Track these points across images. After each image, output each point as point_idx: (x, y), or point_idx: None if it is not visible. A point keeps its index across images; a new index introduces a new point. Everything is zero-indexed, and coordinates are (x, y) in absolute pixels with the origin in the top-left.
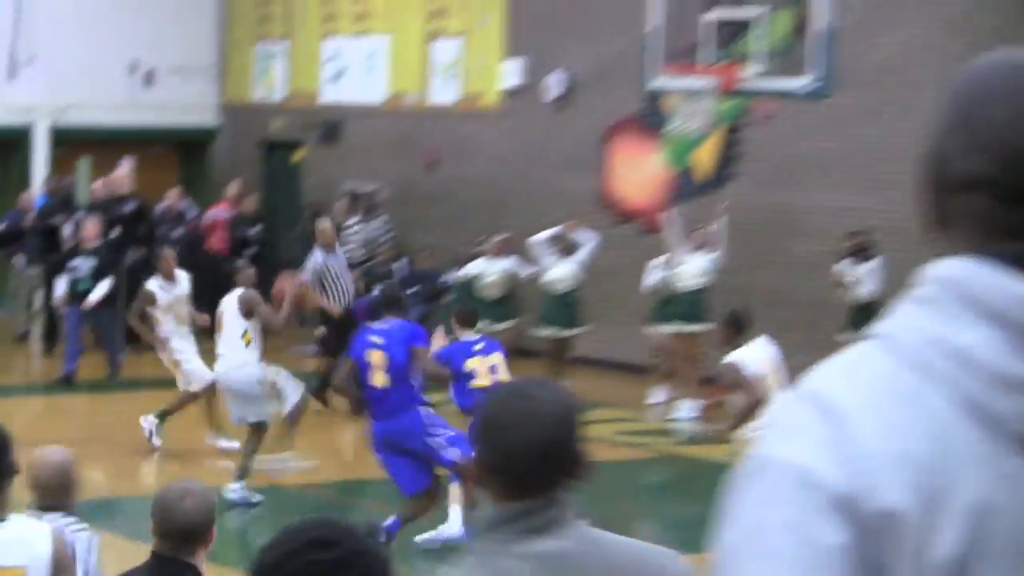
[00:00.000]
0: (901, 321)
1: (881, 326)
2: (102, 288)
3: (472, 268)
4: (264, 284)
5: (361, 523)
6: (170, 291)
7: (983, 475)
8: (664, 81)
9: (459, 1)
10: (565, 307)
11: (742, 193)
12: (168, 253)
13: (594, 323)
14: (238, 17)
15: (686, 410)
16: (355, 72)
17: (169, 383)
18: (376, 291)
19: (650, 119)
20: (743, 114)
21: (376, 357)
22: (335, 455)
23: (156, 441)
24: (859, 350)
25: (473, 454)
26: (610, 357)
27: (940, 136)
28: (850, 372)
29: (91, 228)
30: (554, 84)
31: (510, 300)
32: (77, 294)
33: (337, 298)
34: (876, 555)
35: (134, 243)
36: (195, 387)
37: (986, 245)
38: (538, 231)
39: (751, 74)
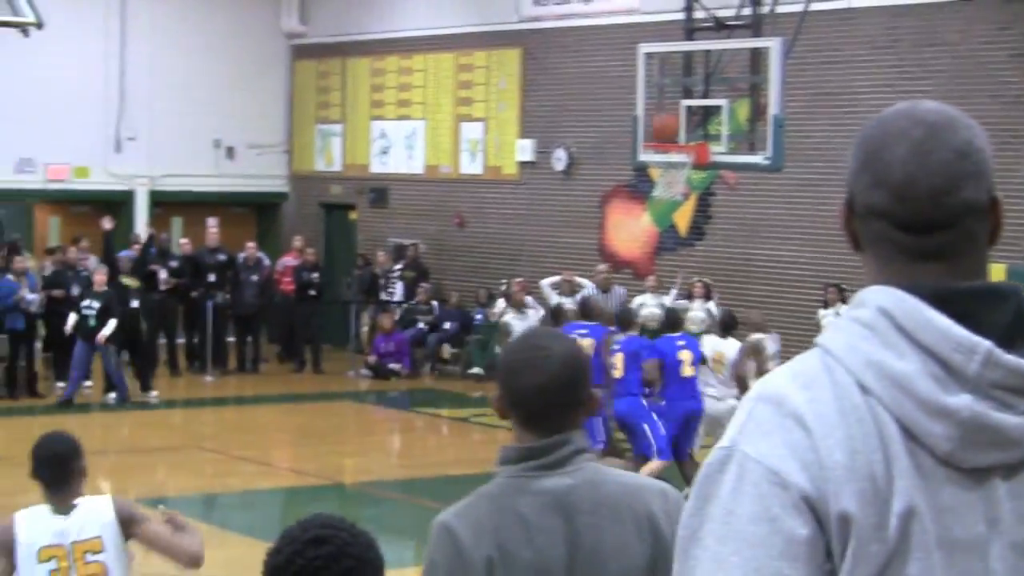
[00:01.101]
0: (843, 340)
1: (826, 340)
2: (110, 326)
3: (503, 316)
4: (321, 317)
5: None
6: (523, 320)
7: (912, 485)
8: (649, 156)
9: (482, 92)
10: None
11: (713, 246)
12: (518, 283)
13: None
14: (303, 104)
15: None
16: (398, 148)
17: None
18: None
19: (638, 187)
20: (713, 183)
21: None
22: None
23: None
24: (809, 362)
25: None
26: None
27: (852, 174)
28: (809, 385)
29: (100, 276)
30: (560, 158)
31: None
32: (85, 329)
33: None
34: (829, 546)
35: (221, 286)
36: None
37: (892, 264)
38: (547, 276)
39: (719, 150)
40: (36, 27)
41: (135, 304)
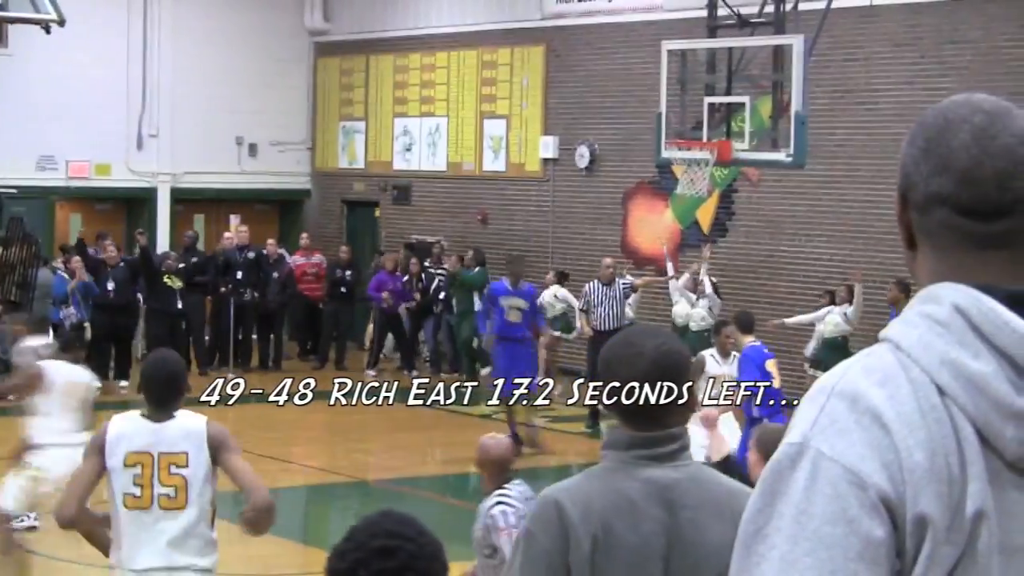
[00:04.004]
0: (916, 336)
1: (896, 335)
2: None
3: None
4: (347, 318)
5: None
6: (723, 367)
7: (984, 488)
8: (672, 153)
9: (505, 89)
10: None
11: (736, 243)
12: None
13: None
14: (326, 101)
15: None
16: (421, 145)
17: None
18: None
19: (661, 184)
20: (736, 180)
21: None
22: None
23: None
24: (880, 357)
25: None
26: None
27: (909, 164)
28: (885, 382)
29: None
30: (583, 155)
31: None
32: None
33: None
34: (901, 547)
35: (249, 284)
36: None
37: (954, 254)
38: (571, 273)
39: (741, 147)
40: (58, 24)
41: (179, 305)
